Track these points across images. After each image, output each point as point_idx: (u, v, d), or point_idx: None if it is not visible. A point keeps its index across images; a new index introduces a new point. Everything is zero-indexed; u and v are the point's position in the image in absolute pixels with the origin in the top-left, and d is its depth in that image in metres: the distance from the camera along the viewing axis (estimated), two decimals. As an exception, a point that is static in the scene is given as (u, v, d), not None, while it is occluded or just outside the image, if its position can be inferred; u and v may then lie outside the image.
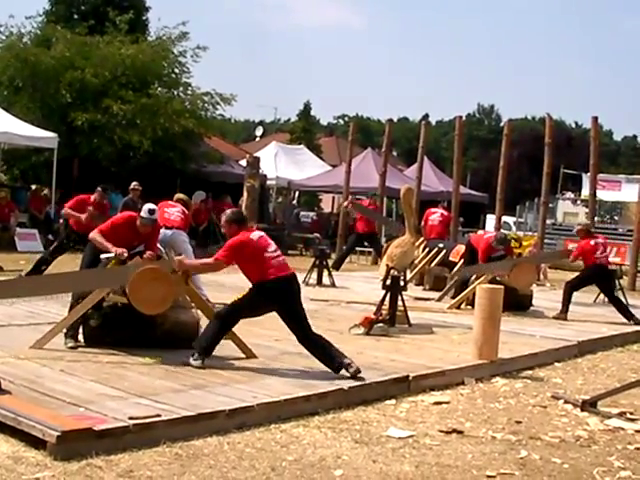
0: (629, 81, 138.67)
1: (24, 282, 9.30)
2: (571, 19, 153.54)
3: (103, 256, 8.32)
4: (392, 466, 5.40)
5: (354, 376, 7.25)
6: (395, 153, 56.87)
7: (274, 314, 7.68)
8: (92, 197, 12.75)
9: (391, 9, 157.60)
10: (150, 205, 8.72)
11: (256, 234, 7.73)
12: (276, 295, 7.45)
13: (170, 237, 11.14)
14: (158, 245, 9.50)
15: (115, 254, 8.22)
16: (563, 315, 12.84)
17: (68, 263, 13.86)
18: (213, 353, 7.61)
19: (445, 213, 17.93)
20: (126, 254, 8.21)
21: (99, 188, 12.90)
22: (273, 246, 7.63)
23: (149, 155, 23.65)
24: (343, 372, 7.31)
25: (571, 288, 13.25)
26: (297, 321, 7.54)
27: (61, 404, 5.84)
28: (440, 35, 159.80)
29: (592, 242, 13.25)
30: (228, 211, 8.06)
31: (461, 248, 15.15)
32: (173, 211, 11.61)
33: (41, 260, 13.41)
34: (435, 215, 17.40)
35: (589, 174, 21.73)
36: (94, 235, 8.58)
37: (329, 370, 7.39)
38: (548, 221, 26.45)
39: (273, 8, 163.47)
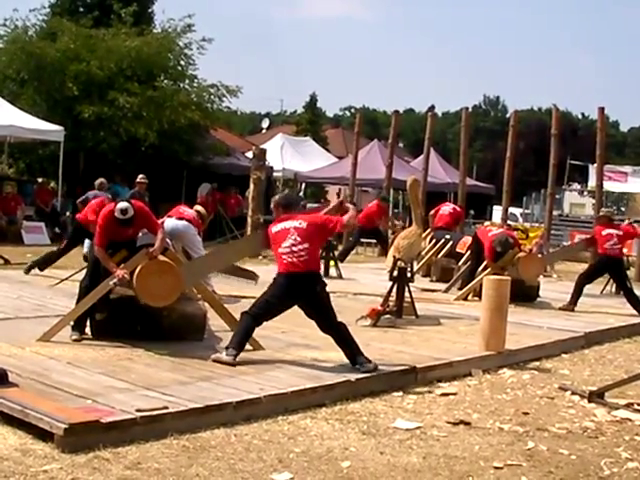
0: (636, 72, 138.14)
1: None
2: (578, 9, 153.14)
3: (111, 282, 7.84)
4: (399, 457, 5.40)
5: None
6: (401, 144, 56.76)
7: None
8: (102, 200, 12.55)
9: (397, 0, 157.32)
10: (122, 205, 8.00)
11: (279, 226, 7.53)
12: (288, 290, 7.36)
13: (181, 228, 11.17)
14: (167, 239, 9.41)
15: (116, 279, 7.75)
16: (570, 306, 12.79)
17: (76, 256, 13.91)
18: (218, 345, 7.63)
19: (458, 209, 17.98)
20: (127, 276, 7.75)
21: (109, 196, 12.77)
22: (290, 240, 7.35)
23: (155, 147, 23.60)
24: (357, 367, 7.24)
25: (584, 280, 13.13)
26: (317, 315, 7.46)
27: (68, 396, 5.85)
28: (446, 26, 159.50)
29: (604, 232, 13.05)
30: (278, 194, 8.29)
31: (468, 240, 15.13)
32: (189, 210, 11.70)
33: (50, 256, 13.44)
34: (447, 207, 17.50)
35: (595, 165, 21.65)
36: (97, 254, 8.05)
37: (336, 362, 7.40)
38: (555, 212, 26.44)
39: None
